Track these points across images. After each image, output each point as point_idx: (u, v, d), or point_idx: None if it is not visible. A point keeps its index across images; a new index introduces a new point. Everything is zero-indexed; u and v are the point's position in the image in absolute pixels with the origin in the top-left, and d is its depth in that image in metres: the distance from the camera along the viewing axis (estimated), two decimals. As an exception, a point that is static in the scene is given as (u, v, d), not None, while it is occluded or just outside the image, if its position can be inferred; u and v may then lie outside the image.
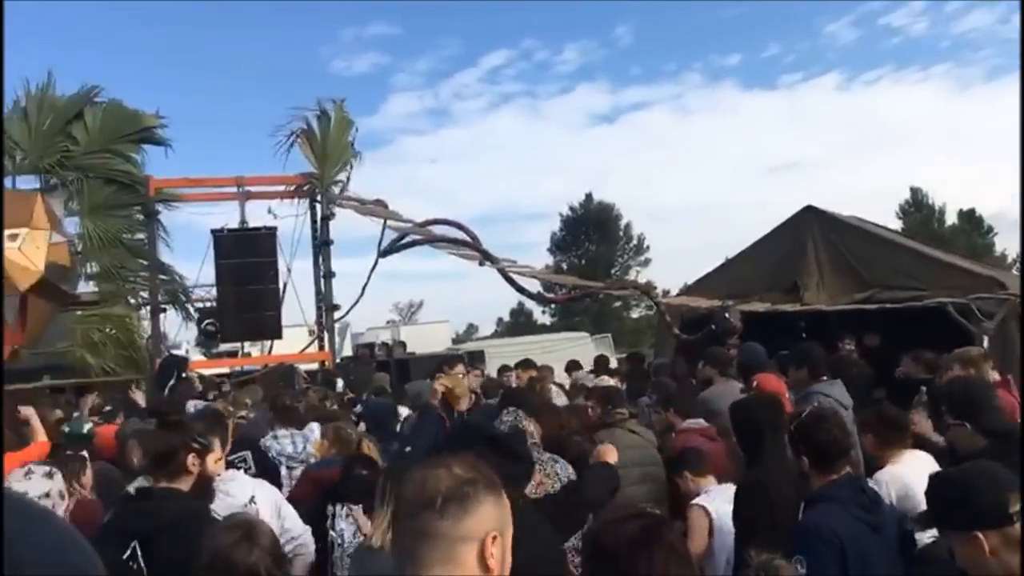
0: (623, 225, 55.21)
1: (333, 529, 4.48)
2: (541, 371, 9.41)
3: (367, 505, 4.11)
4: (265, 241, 13.83)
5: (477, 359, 15.48)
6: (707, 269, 12.49)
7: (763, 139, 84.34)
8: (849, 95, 79.70)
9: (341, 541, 4.45)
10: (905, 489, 4.05)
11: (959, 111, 79.28)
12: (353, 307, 14.67)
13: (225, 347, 16.13)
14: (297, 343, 15.15)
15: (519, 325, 52.53)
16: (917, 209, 55.75)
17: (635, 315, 52.13)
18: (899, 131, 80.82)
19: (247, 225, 13.94)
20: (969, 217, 56.40)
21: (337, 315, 14.87)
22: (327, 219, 14.69)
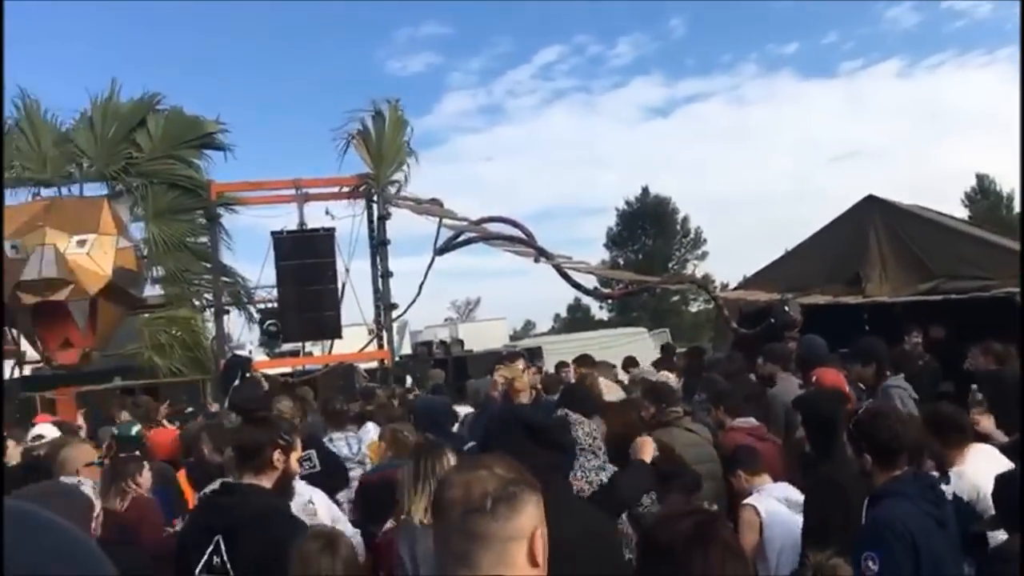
0: (680, 219, 54.67)
1: None
2: (596, 367, 9.35)
3: None
4: (324, 242, 14.04)
5: (535, 355, 15.46)
6: (765, 262, 12.34)
7: (822, 128, 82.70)
8: (911, 81, 77.79)
9: None
10: (976, 491, 3.94)
11: (1028, 94, 76.63)
12: (411, 306, 14.84)
13: (287, 347, 16.38)
14: (357, 342, 15.33)
15: (576, 321, 52.38)
16: (984, 196, 54.03)
17: (694, 309, 51.59)
18: (964, 116, 78.65)
19: (306, 227, 14.14)
20: (1039, 203, 54.68)
21: (395, 314, 15.02)
22: (384, 219, 14.84)
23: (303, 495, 4.20)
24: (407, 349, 19.45)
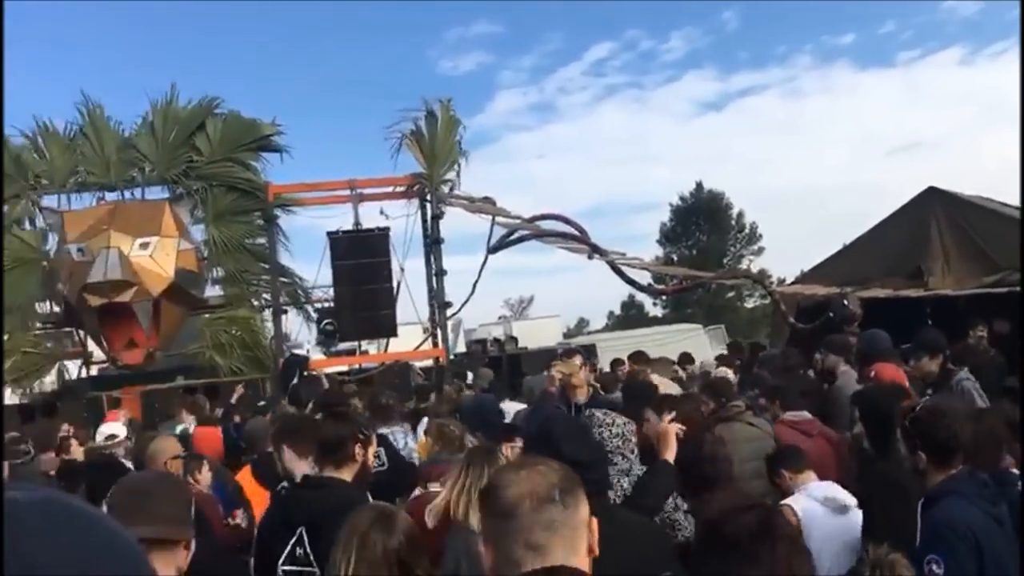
0: (734, 214, 54.00)
1: None
2: (652, 363, 9.31)
3: None
4: (379, 241, 14.19)
5: (589, 353, 15.41)
6: (822, 258, 12.17)
7: (880, 120, 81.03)
8: (972, 70, 75.68)
9: None
10: None
11: (1096, 80, 74.14)
12: (465, 304, 14.93)
13: (343, 346, 16.57)
14: (412, 341, 15.45)
15: (630, 318, 52.08)
16: (1051, 186, 52.60)
17: (749, 305, 50.92)
18: (1029, 104, 76.11)
19: (361, 227, 14.31)
20: (1110, 192, 52.90)
21: (449, 312, 15.11)
22: (437, 218, 14.94)
23: None
24: (461, 347, 19.53)
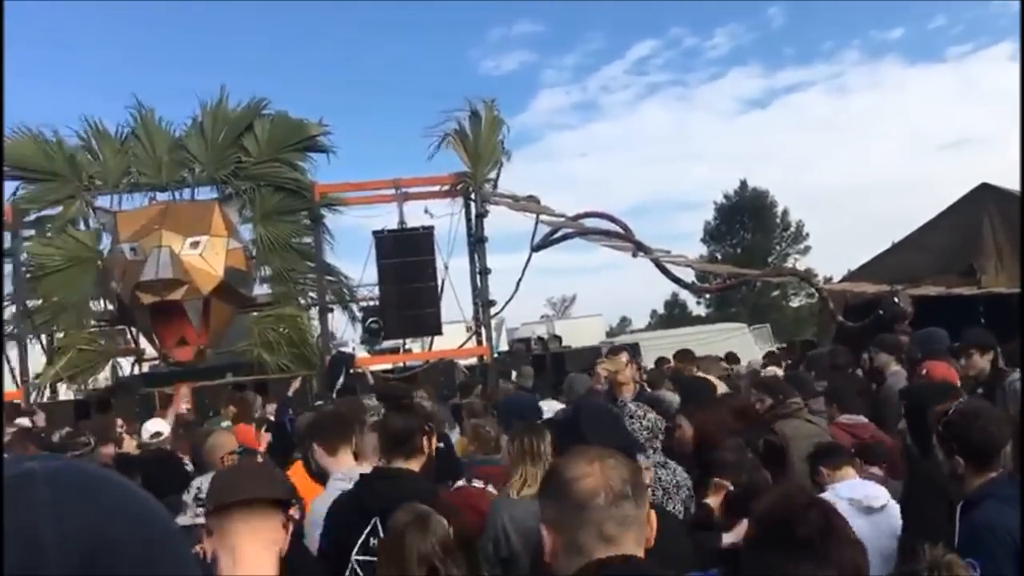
0: (779, 212, 53.39)
1: None
2: (696, 362, 9.26)
3: None
4: (423, 240, 14.28)
5: (633, 352, 15.38)
6: (870, 256, 12.01)
7: (931, 116, 79.72)
8: (1025, 63, 73.97)
9: None
10: None
11: None
12: (508, 302, 14.98)
13: (387, 344, 16.70)
14: (456, 339, 15.54)
15: (673, 317, 51.78)
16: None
17: (795, 304, 50.35)
18: (1085, 98, 74.22)
19: (405, 225, 14.42)
20: None
21: (493, 310, 15.16)
22: (481, 217, 15.00)
23: None
24: (504, 346, 19.58)
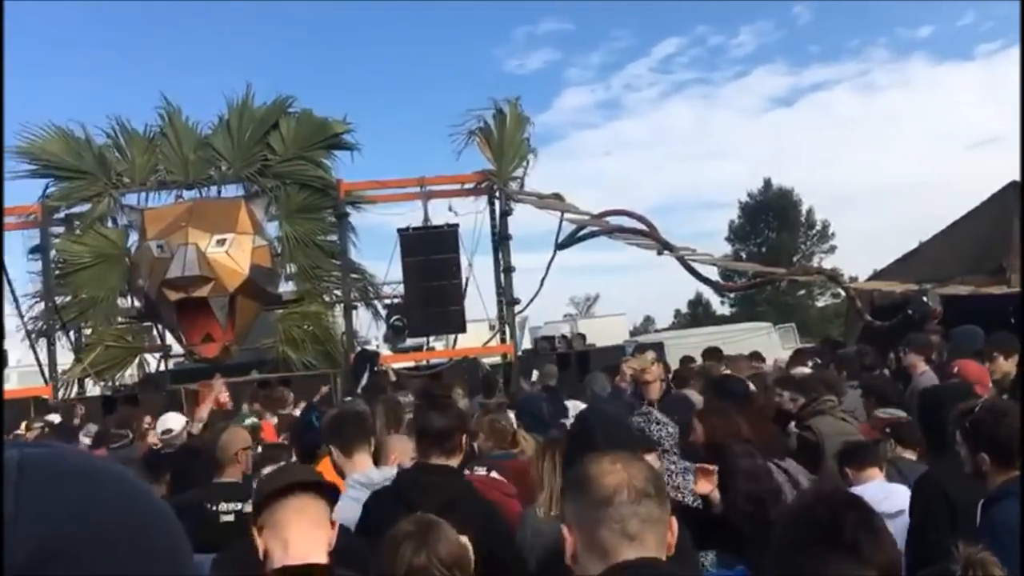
0: (804, 211, 52.99)
1: None
2: (723, 360, 9.19)
3: None
4: (448, 238, 14.27)
5: (656, 351, 15.30)
6: (897, 255, 11.88)
7: (959, 114, 78.62)
8: (1057, 61, 72.92)
9: None
10: None
11: None
12: (532, 300, 14.94)
13: (410, 342, 16.72)
14: (480, 337, 15.53)
15: (697, 317, 51.53)
16: None
17: (820, 304, 49.95)
18: (1117, 95, 73.11)
19: (430, 223, 14.43)
20: None
21: (518, 308, 15.15)
22: (506, 215, 15.00)
23: None
24: (527, 344, 19.57)
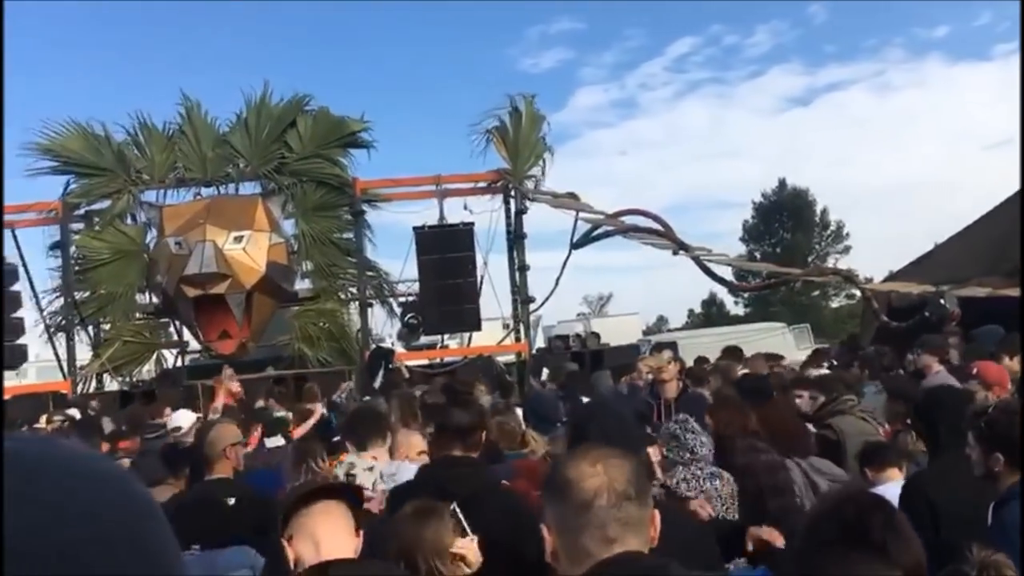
0: (819, 211, 52.77)
1: None
2: (741, 359, 9.19)
3: None
4: (463, 237, 14.32)
5: (673, 351, 15.31)
6: (912, 256, 11.86)
7: (975, 115, 78.06)
8: (1075, 61, 72.35)
9: None
10: None
11: None
12: (547, 299, 14.97)
13: (424, 340, 16.77)
14: (494, 336, 15.57)
15: (711, 317, 51.43)
16: None
17: (835, 305, 49.75)
18: None
19: (445, 222, 14.48)
20: None
21: (532, 307, 15.17)
22: (521, 214, 15.03)
23: None
24: (540, 343, 19.60)
